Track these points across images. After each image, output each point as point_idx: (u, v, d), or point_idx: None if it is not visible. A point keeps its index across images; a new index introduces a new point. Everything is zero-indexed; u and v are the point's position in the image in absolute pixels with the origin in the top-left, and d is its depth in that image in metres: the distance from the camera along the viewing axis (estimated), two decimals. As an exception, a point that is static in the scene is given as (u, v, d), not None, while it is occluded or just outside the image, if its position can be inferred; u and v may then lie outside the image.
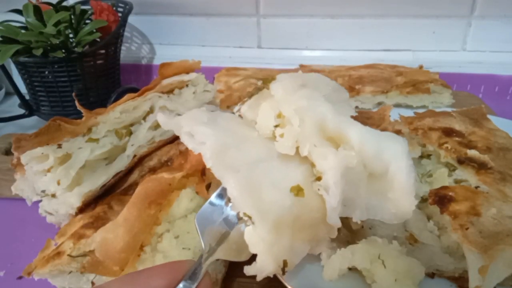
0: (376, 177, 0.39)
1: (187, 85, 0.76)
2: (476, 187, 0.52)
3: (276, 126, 0.42)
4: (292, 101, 0.41)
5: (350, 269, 0.47)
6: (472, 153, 0.57)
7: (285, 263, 0.39)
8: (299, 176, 0.39)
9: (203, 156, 0.40)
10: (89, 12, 1.01)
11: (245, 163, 0.39)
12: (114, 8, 1.06)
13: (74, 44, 0.95)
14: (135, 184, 0.62)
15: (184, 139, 0.44)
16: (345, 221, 0.50)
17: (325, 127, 0.38)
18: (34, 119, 1.07)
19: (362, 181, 0.39)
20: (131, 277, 0.37)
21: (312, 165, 0.40)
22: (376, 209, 0.41)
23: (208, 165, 0.39)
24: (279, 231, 0.38)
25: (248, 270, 0.38)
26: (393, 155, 0.39)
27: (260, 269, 0.38)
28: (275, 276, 0.48)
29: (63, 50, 0.92)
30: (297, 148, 0.41)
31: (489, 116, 0.70)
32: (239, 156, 0.39)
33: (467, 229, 0.44)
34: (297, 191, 0.39)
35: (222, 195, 0.43)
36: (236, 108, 0.48)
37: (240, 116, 0.50)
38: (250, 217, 0.38)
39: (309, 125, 0.38)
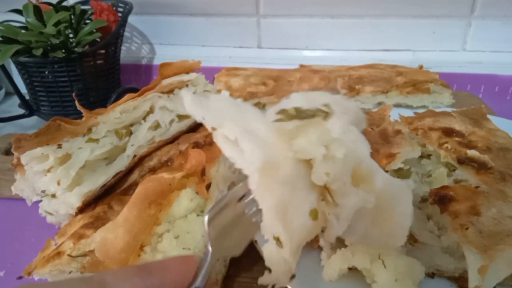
0: (379, 212, 0.40)
1: (187, 85, 0.76)
2: (476, 187, 0.52)
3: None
4: (341, 140, 0.39)
5: (350, 269, 0.47)
6: (472, 153, 0.57)
7: (293, 276, 0.41)
8: (314, 200, 0.40)
9: (249, 176, 0.37)
10: (89, 12, 1.01)
11: (280, 183, 0.38)
12: (114, 8, 1.06)
13: (74, 44, 0.95)
14: (135, 184, 0.62)
15: (219, 140, 0.39)
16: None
17: (359, 168, 0.40)
18: (34, 119, 1.07)
19: (369, 217, 0.41)
20: (143, 268, 0.34)
21: (328, 190, 0.40)
22: (371, 238, 0.43)
23: (252, 187, 0.37)
24: (298, 252, 0.40)
25: (263, 281, 0.40)
26: (402, 201, 0.41)
27: (277, 282, 0.40)
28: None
29: (63, 50, 0.92)
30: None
31: (489, 116, 0.70)
32: (277, 177, 0.38)
33: (467, 229, 0.44)
34: (314, 214, 0.40)
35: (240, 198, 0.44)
36: (276, 116, 0.41)
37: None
38: (278, 239, 0.39)
39: (348, 165, 0.38)
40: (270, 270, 0.40)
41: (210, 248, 0.40)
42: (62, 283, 0.31)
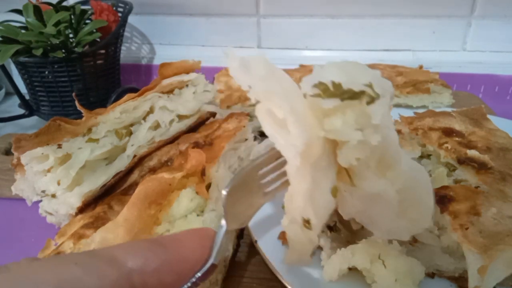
0: (403, 202, 0.39)
1: (187, 85, 0.76)
2: (476, 187, 0.52)
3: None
4: (379, 126, 0.35)
5: (350, 269, 0.47)
6: (472, 153, 0.57)
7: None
8: (334, 176, 0.38)
9: (289, 159, 0.35)
10: (89, 12, 1.01)
11: (311, 165, 0.35)
12: (114, 8, 1.06)
13: (74, 44, 0.95)
14: (135, 184, 0.62)
15: (261, 114, 0.36)
16: (346, 221, 0.50)
17: (386, 154, 0.37)
18: (34, 119, 1.07)
19: (394, 212, 0.39)
20: (156, 243, 0.31)
21: (348, 170, 0.39)
22: (397, 231, 0.42)
23: (291, 170, 0.35)
24: (320, 231, 0.40)
25: (287, 261, 0.42)
26: (423, 181, 0.39)
27: (300, 261, 0.42)
28: (275, 276, 0.48)
29: (63, 50, 0.92)
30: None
31: (489, 116, 0.70)
32: (309, 159, 0.34)
33: (467, 229, 0.44)
34: (335, 192, 0.39)
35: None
36: (313, 90, 0.36)
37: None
38: (308, 221, 0.38)
39: (378, 151, 0.35)
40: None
41: (224, 223, 0.38)
42: (68, 257, 0.28)
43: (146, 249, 0.29)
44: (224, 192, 0.40)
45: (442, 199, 0.48)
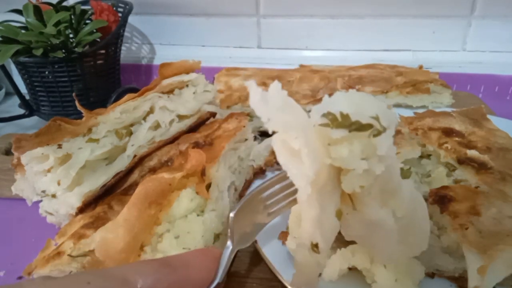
0: (403, 229, 0.41)
1: (187, 85, 0.76)
2: (476, 187, 0.52)
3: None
4: (384, 157, 0.37)
5: (350, 269, 0.47)
6: (472, 153, 0.57)
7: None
8: (338, 200, 0.40)
9: (300, 188, 0.36)
10: (89, 12, 1.01)
11: (317, 191, 0.37)
12: (114, 8, 1.06)
13: (74, 44, 0.95)
14: (135, 184, 0.62)
15: (277, 145, 0.37)
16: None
17: (389, 182, 0.39)
18: (34, 119, 1.07)
19: (395, 239, 0.41)
20: (166, 264, 0.32)
21: (351, 196, 0.41)
22: (396, 256, 0.44)
23: (302, 198, 0.36)
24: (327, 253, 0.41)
25: (293, 284, 0.43)
26: (420, 206, 0.42)
27: (307, 284, 0.43)
28: (275, 276, 0.48)
29: (63, 50, 0.92)
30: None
31: (489, 116, 0.70)
32: (316, 185, 0.37)
33: (466, 229, 0.44)
34: (339, 215, 0.40)
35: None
36: (322, 120, 0.38)
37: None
38: (316, 245, 0.39)
39: (381, 179, 0.38)
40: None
41: (230, 244, 0.39)
42: (82, 277, 0.29)
43: (155, 270, 0.31)
44: (231, 215, 0.42)
45: (442, 199, 0.49)
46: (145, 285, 0.29)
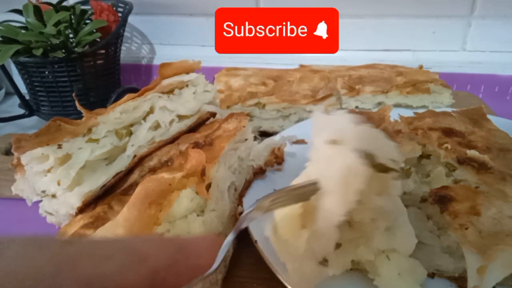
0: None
1: (187, 85, 0.76)
2: (476, 187, 0.52)
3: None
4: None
5: (351, 269, 0.47)
6: (472, 153, 0.57)
7: None
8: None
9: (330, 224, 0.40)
10: (89, 12, 1.01)
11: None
12: (114, 8, 1.06)
13: (74, 44, 0.95)
14: (135, 184, 0.62)
15: None
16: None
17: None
18: (34, 119, 1.07)
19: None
20: (180, 247, 0.31)
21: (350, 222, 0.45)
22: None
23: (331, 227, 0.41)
24: None
25: None
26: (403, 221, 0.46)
27: None
28: (275, 276, 0.48)
29: (63, 50, 0.92)
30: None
31: (489, 116, 0.70)
32: None
33: (466, 229, 0.44)
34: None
35: None
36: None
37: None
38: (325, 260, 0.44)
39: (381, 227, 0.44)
40: None
41: (230, 239, 0.39)
42: (114, 243, 0.30)
43: (173, 251, 0.31)
44: (228, 238, 0.41)
45: (442, 199, 0.48)
46: (162, 265, 0.30)
